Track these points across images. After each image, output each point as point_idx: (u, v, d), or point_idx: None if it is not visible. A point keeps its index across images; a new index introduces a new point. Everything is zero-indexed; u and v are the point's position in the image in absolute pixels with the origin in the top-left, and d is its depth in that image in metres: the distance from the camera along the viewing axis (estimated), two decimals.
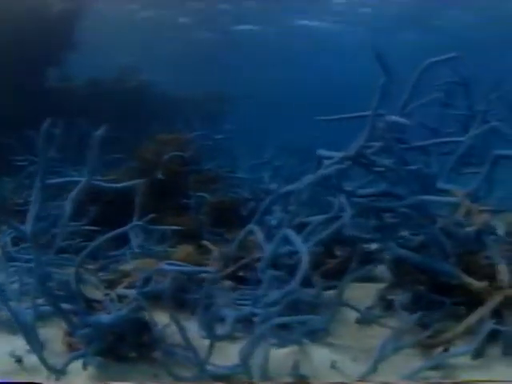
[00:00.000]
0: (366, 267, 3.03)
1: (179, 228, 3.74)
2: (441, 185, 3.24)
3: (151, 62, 10.41)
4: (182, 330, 2.28)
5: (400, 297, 3.03)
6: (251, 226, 3.49)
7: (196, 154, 4.59)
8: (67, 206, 2.72)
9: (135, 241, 2.93)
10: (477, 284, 2.73)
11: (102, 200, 4.60)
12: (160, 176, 4.33)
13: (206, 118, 8.79)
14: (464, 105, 3.64)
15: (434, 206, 3.08)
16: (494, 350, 2.81)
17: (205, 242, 3.98)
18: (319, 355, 2.66)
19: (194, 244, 4.02)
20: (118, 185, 2.99)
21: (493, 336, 2.86)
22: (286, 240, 2.75)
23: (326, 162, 2.78)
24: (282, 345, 2.62)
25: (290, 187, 3.00)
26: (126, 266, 3.66)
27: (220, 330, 2.59)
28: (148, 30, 13.17)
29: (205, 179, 4.52)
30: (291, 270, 3.08)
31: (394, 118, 2.61)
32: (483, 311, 2.63)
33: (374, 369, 2.36)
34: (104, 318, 2.48)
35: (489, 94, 3.53)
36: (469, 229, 2.83)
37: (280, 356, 2.57)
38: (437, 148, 3.48)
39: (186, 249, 3.62)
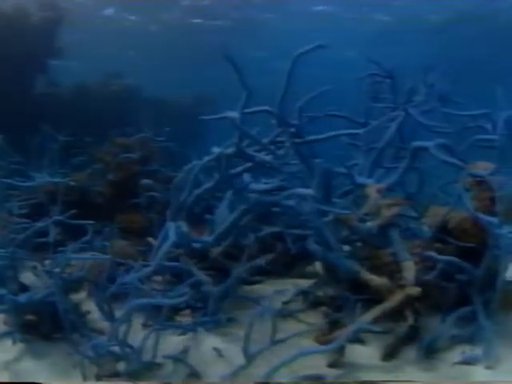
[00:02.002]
0: (254, 261, 2.92)
1: (91, 222, 3.75)
2: (360, 179, 3.07)
3: (137, 66, 10.48)
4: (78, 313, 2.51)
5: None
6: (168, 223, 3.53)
7: (151, 155, 4.60)
8: None
9: (53, 234, 3.06)
10: (376, 281, 2.53)
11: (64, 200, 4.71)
12: (111, 177, 4.37)
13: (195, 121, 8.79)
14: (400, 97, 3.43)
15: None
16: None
17: (149, 239, 4.02)
18: (213, 344, 2.64)
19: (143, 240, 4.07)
20: (29, 183, 3.08)
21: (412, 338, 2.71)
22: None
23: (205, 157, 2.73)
24: (180, 332, 2.65)
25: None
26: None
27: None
28: (131, 34, 13.23)
29: (157, 179, 4.50)
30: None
31: (229, 113, 2.50)
32: (379, 310, 2.45)
33: (248, 362, 2.26)
34: (20, 297, 2.69)
35: (415, 84, 3.33)
36: (372, 223, 2.66)
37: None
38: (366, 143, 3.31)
39: (119, 244, 3.66)
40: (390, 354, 2.60)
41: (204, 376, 2.41)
